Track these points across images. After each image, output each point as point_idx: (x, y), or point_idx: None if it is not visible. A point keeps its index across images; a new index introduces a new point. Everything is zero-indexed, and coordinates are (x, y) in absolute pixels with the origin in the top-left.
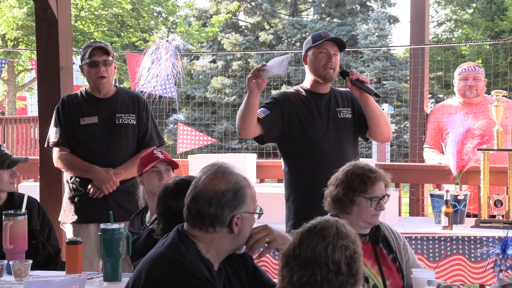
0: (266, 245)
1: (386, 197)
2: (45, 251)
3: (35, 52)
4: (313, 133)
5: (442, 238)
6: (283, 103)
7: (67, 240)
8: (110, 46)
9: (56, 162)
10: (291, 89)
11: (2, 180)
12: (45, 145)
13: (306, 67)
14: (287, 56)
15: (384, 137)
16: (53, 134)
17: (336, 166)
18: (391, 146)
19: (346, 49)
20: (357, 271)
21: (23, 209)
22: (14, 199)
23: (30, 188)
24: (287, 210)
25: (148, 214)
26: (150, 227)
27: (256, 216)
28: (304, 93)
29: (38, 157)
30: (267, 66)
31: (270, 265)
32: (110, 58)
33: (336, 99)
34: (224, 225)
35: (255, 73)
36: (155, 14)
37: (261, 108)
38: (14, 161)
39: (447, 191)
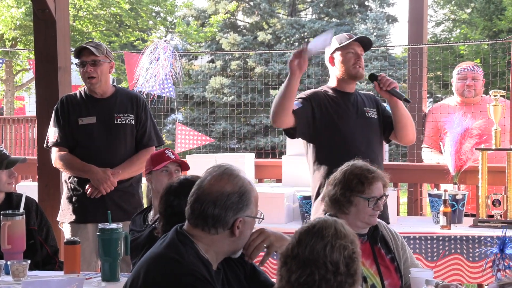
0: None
1: (384, 197)
2: (43, 251)
3: (33, 52)
4: (345, 128)
5: (440, 238)
6: (313, 99)
7: (65, 240)
8: (108, 46)
9: (55, 162)
10: (319, 88)
11: (0, 181)
12: (44, 145)
13: (333, 68)
14: (331, 31)
15: (409, 139)
16: (52, 134)
17: (367, 161)
18: (390, 145)
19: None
20: (356, 271)
21: (21, 209)
22: (12, 199)
23: (28, 188)
24: (315, 208)
25: (151, 213)
26: (153, 225)
27: (256, 220)
28: (331, 92)
29: (36, 157)
30: (310, 45)
31: (268, 265)
32: (100, 58)
33: (362, 99)
34: (226, 227)
35: (296, 54)
36: (153, 14)
37: (294, 102)
38: (12, 161)
39: (445, 190)
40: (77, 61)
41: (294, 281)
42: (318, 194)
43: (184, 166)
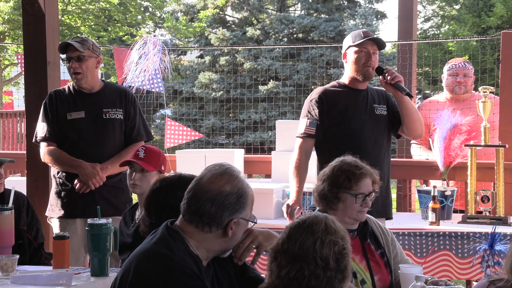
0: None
1: (373, 193)
2: (30, 248)
3: (21, 46)
4: (351, 125)
5: (430, 234)
6: (321, 100)
7: (54, 235)
8: (97, 40)
9: (44, 157)
10: (329, 84)
11: None
12: (33, 140)
13: (346, 65)
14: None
15: (417, 133)
16: (40, 129)
17: (373, 159)
18: None
19: (334, 45)
20: (346, 266)
21: (10, 204)
22: (4, 197)
23: (17, 183)
24: None
25: (138, 211)
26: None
27: (250, 223)
28: (341, 88)
29: (24, 152)
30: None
31: (258, 261)
32: (85, 54)
33: (373, 96)
34: (220, 227)
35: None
36: (142, 9)
37: (308, 121)
38: (0, 162)
39: (434, 187)
40: (64, 56)
41: (284, 276)
42: None
43: (147, 167)
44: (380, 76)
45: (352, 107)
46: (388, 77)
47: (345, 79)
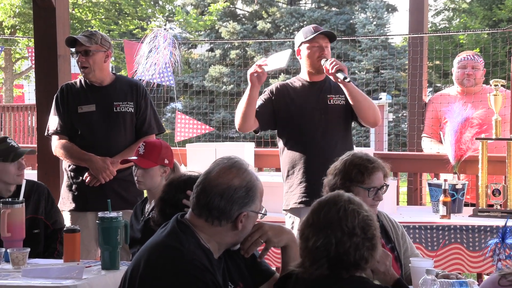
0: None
1: (384, 187)
2: (47, 231)
3: (32, 39)
4: (299, 117)
5: (440, 227)
6: (275, 93)
7: (65, 228)
8: (108, 34)
9: (55, 151)
10: (287, 80)
11: (9, 173)
12: (45, 134)
13: (300, 61)
14: (289, 51)
15: (370, 121)
16: (52, 122)
17: (324, 151)
18: (389, 135)
19: (344, 38)
20: (373, 235)
21: (21, 197)
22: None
23: (28, 176)
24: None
25: (148, 205)
26: (148, 216)
27: (259, 216)
28: (297, 82)
29: (35, 145)
30: (268, 61)
31: (269, 253)
32: (92, 48)
33: (330, 86)
34: (230, 220)
35: (256, 67)
36: (152, 2)
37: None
38: (19, 153)
39: (445, 180)
40: (73, 50)
41: (311, 247)
42: (287, 176)
43: (143, 164)
44: (324, 66)
45: (302, 100)
46: (329, 67)
47: (302, 74)
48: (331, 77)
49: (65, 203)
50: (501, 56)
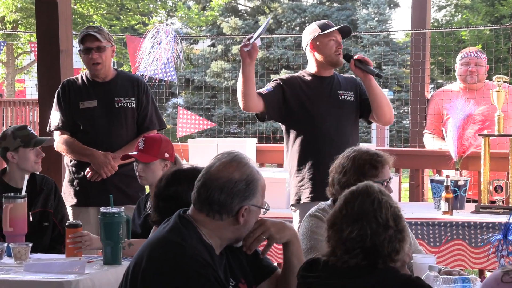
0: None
1: (390, 179)
2: (55, 231)
3: (34, 34)
4: (314, 111)
5: (442, 224)
6: (286, 83)
7: (67, 223)
8: (109, 29)
9: (57, 146)
10: (296, 73)
11: (29, 159)
12: (47, 130)
13: (312, 54)
14: (269, 18)
15: (386, 119)
16: (54, 118)
17: (337, 145)
18: (391, 131)
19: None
20: (403, 227)
21: (23, 192)
22: (35, 180)
23: None
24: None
25: (150, 200)
26: (149, 212)
27: (262, 211)
28: (307, 77)
29: None
30: (255, 35)
31: (271, 249)
32: (104, 44)
33: (340, 82)
34: (231, 214)
35: (244, 41)
36: None
37: (266, 87)
38: (40, 141)
39: (447, 176)
40: (77, 46)
41: (346, 237)
42: (297, 171)
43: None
44: (350, 60)
45: (315, 94)
46: (357, 58)
47: (311, 68)
48: (355, 72)
49: (67, 198)
50: (503, 52)
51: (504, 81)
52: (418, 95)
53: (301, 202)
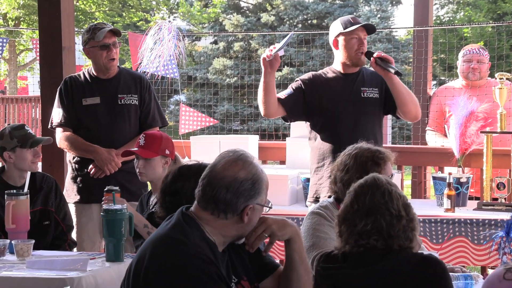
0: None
1: (392, 176)
2: (57, 229)
3: (36, 31)
4: (332, 109)
5: (445, 221)
6: (306, 84)
7: (106, 188)
8: (112, 26)
9: (59, 143)
10: (320, 70)
11: (26, 160)
12: (49, 126)
13: (336, 51)
14: (292, 33)
15: (411, 115)
16: (56, 115)
17: (355, 141)
18: (393, 128)
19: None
20: (414, 216)
21: (26, 189)
22: (35, 179)
23: None
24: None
25: (153, 197)
26: (152, 209)
27: (265, 209)
28: (330, 74)
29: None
30: (278, 46)
31: (274, 246)
32: (117, 40)
33: (364, 79)
34: (236, 213)
35: (267, 51)
36: None
37: (287, 89)
38: (37, 141)
39: (449, 173)
40: (79, 43)
41: (360, 230)
42: (316, 168)
43: (145, 154)
44: (372, 58)
45: (334, 92)
46: (377, 56)
47: (336, 65)
48: (375, 69)
49: (70, 195)
50: (505, 49)
51: (507, 78)
52: (421, 92)
53: (320, 200)
